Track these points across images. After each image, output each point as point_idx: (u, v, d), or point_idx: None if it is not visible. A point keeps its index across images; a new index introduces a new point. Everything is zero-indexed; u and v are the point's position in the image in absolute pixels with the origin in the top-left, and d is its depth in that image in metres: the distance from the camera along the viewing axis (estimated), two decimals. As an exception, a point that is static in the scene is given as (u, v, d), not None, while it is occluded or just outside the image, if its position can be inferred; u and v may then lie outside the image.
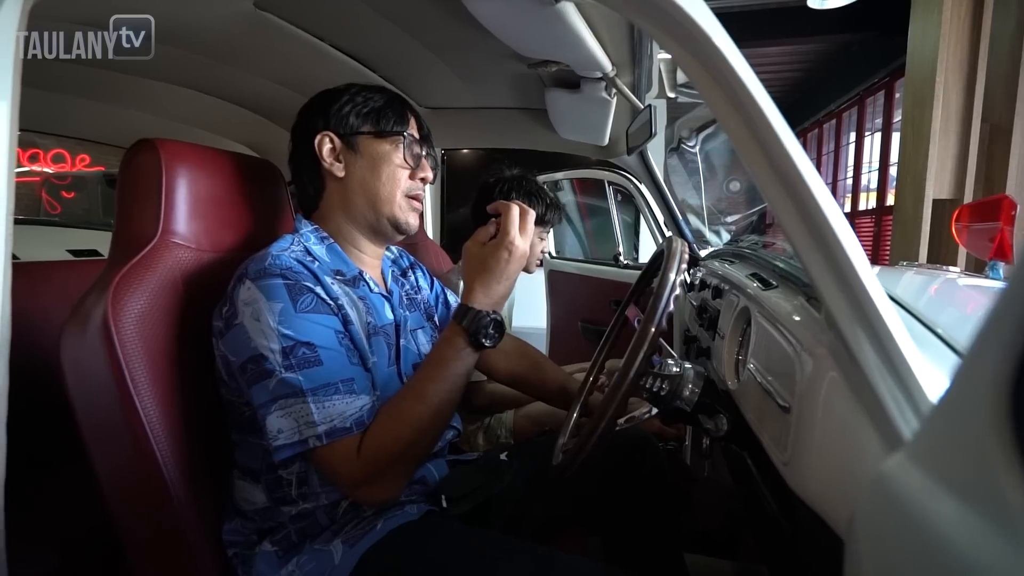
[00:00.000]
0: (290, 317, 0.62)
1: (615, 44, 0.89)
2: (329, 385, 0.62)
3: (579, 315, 2.31)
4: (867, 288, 0.38)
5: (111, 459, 0.63)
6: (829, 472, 0.43)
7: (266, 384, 0.61)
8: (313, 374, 0.61)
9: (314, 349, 0.62)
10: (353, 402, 0.62)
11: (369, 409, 0.64)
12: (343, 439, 0.61)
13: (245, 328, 0.62)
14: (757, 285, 0.76)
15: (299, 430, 0.60)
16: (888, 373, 0.38)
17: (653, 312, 0.60)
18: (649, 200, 1.83)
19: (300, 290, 0.64)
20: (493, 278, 0.71)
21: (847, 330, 0.41)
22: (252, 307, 0.62)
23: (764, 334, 0.65)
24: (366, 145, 0.74)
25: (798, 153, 0.41)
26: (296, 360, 0.61)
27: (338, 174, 0.74)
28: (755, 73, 0.43)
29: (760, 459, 0.60)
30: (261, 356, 0.61)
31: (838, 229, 0.40)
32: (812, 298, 0.56)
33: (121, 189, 0.72)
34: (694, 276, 1.33)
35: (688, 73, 0.47)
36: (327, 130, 0.73)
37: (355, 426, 0.62)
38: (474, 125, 1.52)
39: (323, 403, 0.61)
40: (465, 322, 0.69)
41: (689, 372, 0.71)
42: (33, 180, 5.37)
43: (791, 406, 0.50)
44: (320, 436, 0.60)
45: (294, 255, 0.68)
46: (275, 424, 0.61)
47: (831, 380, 0.45)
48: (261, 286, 0.63)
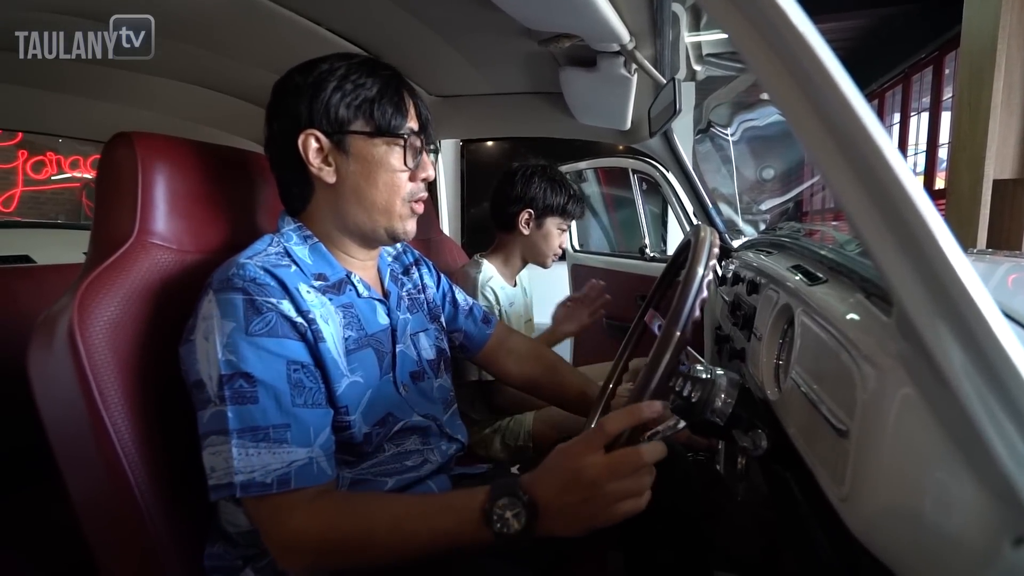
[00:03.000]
0: (237, 341, 0.55)
1: (632, 10, 0.80)
2: (257, 430, 0.54)
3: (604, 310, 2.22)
4: (962, 281, 0.28)
5: (82, 479, 0.59)
6: (905, 523, 0.34)
7: (202, 415, 0.56)
8: (244, 413, 0.54)
9: (252, 383, 0.55)
10: (281, 455, 0.54)
11: (301, 467, 0.55)
12: (263, 496, 0.54)
13: (195, 347, 0.57)
14: (800, 278, 0.66)
15: (226, 471, 0.54)
16: (991, 395, 0.29)
17: (677, 313, 0.51)
18: (676, 188, 1.72)
19: (258, 308, 0.57)
20: (576, 495, 0.50)
21: (929, 335, 0.32)
22: (206, 323, 0.56)
23: (811, 337, 0.55)
24: (359, 147, 0.64)
25: (870, 119, 0.32)
26: (231, 393, 0.54)
27: (328, 180, 0.64)
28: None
29: (807, 483, 0.51)
30: (201, 382, 0.56)
31: (921, 208, 0.30)
32: (874, 295, 0.46)
33: (98, 188, 0.68)
34: (726, 269, 1.23)
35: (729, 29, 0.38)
36: (312, 127, 0.63)
37: (276, 483, 0.54)
38: (488, 113, 1.45)
39: (247, 449, 0.54)
40: (501, 501, 0.51)
41: (721, 379, 0.61)
42: (74, 186, 5.61)
43: (849, 429, 0.41)
44: (235, 487, 0.53)
45: (266, 261, 0.60)
46: (208, 460, 0.55)
47: (905, 399, 0.36)
48: (220, 300, 0.57)
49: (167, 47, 0.98)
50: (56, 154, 5.40)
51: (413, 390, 0.74)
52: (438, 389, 0.79)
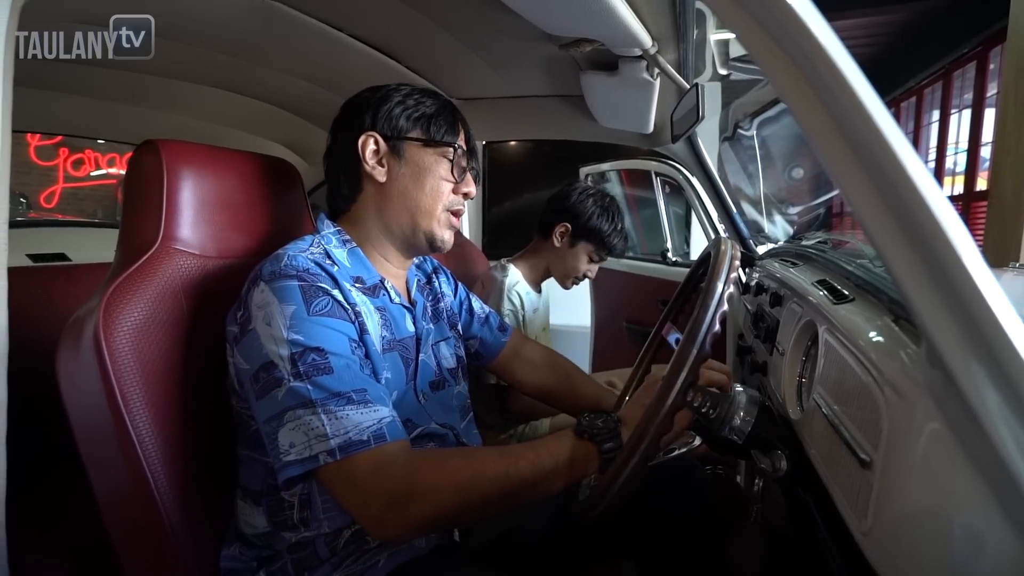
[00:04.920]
0: (301, 321, 0.57)
1: (654, 15, 0.78)
2: (341, 395, 0.56)
3: (624, 315, 2.19)
4: (998, 320, 0.27)
5: (104, 477, 0.61)
6: (932, 565, 0.32)
7: (275, 394, 0.56)
8: (323, 383, 0.56)
9: (324, 355, 0.56)
10: (369, 413, 0.56)
11: (390, 423, 0.57)
12: (360, 453, 0.54)
13: (257, 334, 0.58)
14: (825, 295, 0.63)
15: (309, 444, 0.54)
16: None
17: (695, 331, 0.50)
18: (700, 192, 1.69)
19: (315, 292, 0.59)
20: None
21: (961, 373, 0.30)
22: (265, 311, 0.58)
23: (835, 358, 0.53)
24: (412, 152, 0.70)
25: (891, 128, 0.30)
26: (305, 367, 0.56)
27: (379, 179, 0.70)
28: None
29: (828, 509, 0.49)
30: (271, 363, 0.56)
31: (950, 229, 0.29)
32: (902, 319, 0.44)
33: (125, 194, 0.70)
34: (750, 277, 1.19)
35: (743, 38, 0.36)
36: (373, 130, 0.69)
37: (373, 439, 0.55)
38: (508, 115, 1.44)
39: (334, 414, 0.55)
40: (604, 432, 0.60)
41: (741, 396, 0.60)
42: (110, 182, 5.81)
43: (873, 460, 0.39)
44: (333, 451, 0.54)
45: (313, 257, 0.63)
46: (286, 438, 0.55)
47: (933, 435, 0.34)
48: (275, 288, 0.59)
49: (193, 53, 1.01)
50: (94, 152, 5.61)
51: (432, 398, 0.75)
52: (456, 396, 0.80)
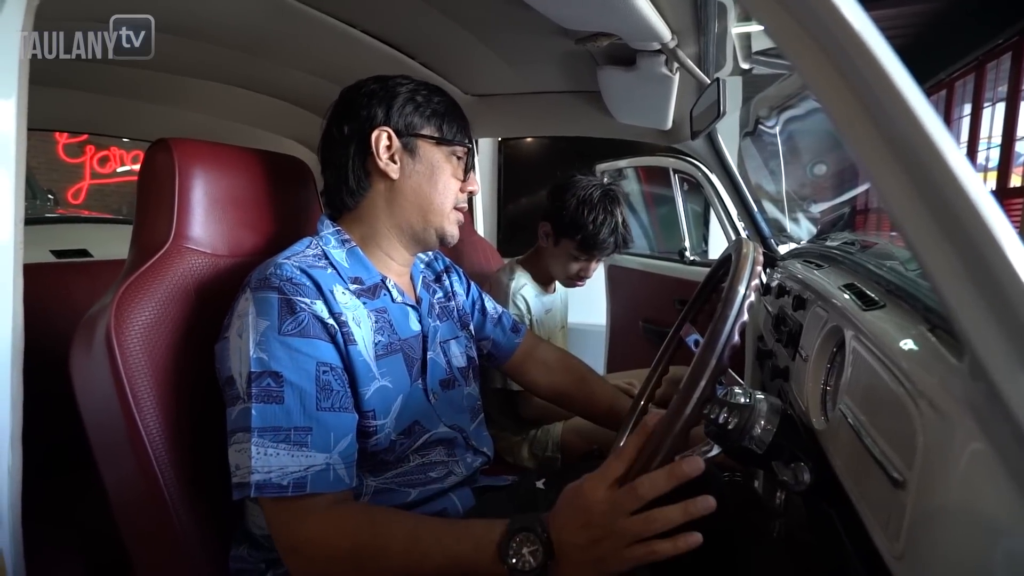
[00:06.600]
0: (269, 339, 0.56)
1: (674, 8, 0.75)
2: (279, 430, 0.55)
3: (641, 314, 2.16)
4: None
5: (115, 474, 0.61)
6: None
7: (231, 411, 0.57)
8: (268, 412, 0.55)
9: (280, 382, 0.56)
10: (300, 458, 0.55)
11: (318, 472, 0.55)
12: (278, 498, 0.54)
13: (229, 344, 0.59)
14: (853, 299, 0.60)
15: (241, 472, 0.55)
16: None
17: (714, 339, 0.47)
18: (720, 190, 1.65)
19: (292, 308, 0.58)
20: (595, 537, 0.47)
21: (1009, 391, 0.27)
22: (241, 321, 0.58)
23: (863, 366, 0.50)
24: (425, 150, 0.70)
25: (931, 120, 0.28)
26: (258, 390, 0.55)
27: (392, 175, 0.69)
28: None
29: (854, 525, 0.46)
30: (232, 379, 0.57)
31: (996, 228, 0.26)
32: (940, 328, 0.41)
33: (139, 193, 0.70)
34: (771, 277, 1.16)
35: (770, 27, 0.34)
36: (387, 126, 0.68)
37: (293, 486, 0.53)
38: (524, 112, 1.42)
39: (266, 448, 0.54)
40: (518, 538, 0.49)
41: (761, 405, 0.57)
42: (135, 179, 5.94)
43: (906, 480, 0.37)
44: (251, 486, 0.53)
45: (303, 262, 0.62)
46: (233, 458, 0.56)
47: (975, 456, 0.31)
48: (256, 298, 0.58)
49: (208, 51, 1.01)
50: (119, 149, 5.74)
51: (443, 398, 0.74)
52: (467, 397, 0.79)
